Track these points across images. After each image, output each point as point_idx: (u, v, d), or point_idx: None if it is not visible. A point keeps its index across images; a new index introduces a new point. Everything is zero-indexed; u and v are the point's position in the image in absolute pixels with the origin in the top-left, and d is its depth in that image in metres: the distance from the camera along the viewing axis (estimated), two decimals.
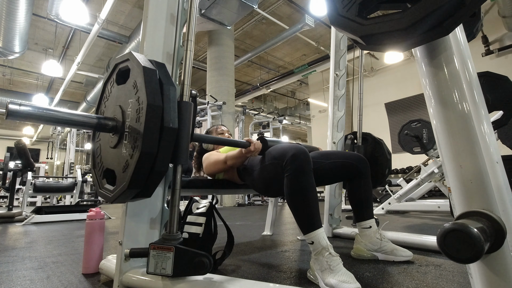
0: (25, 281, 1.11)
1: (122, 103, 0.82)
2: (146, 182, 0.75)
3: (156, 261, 0.83)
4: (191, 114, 0.87)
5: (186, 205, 1.33)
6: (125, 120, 0.79)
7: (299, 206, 1.06)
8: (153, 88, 0.75)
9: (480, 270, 0.51)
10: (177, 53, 1.09)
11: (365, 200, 1.37)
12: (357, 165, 1.36)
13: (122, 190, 0.75)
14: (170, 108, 0.77)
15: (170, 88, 0.79)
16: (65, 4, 5.12)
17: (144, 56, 0.84)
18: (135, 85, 0.78)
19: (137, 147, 0.72)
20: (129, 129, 0.77)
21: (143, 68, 0.76)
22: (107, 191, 0.82)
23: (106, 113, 0.90)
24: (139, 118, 0.74)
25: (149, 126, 0.72)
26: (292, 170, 1.07)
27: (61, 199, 8.58)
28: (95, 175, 0.91)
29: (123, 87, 0.84)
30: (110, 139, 0.84)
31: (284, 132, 16.28)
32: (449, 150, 0.55)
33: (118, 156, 0.80)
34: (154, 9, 1.06)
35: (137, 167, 0.71)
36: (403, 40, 0.50)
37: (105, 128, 0.82)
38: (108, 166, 0.84)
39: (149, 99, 0.72)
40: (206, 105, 6.17)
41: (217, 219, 1.29)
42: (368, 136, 1.96)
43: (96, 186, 0.90)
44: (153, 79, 0.76)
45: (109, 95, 0.91)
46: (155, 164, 0.74)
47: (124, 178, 0.75)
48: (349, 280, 0.90)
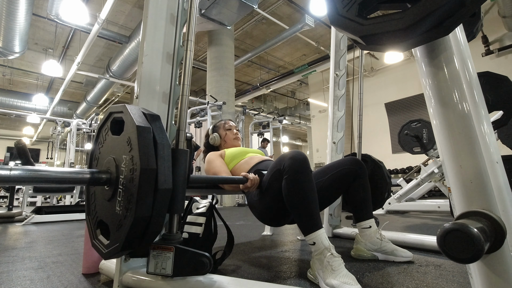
0: (25, 281, 1.11)
1: (116, 155, 0.81)
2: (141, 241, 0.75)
3: (156, 261, 0.83)
4: (186, 163, 0.86)
5: (186, 205, 1.33)
6: (119, 175, 0.78)
7: (299, 207, 1.05)
8: (147, 150, 0.74)
9: (480, 270, 0.51)
10: (177, 53, 1.09)
11: (364, 200, 1.36)
12: (353, 167, 1.35)
13: (116, 251, 0.74)
14: (165, 168, 0.76)
15: (164, 148, 0.78)
16: (65, 4, 5.12)
17: (139, 109, 0.82)
18: (129, 142, 0.76)
19: (131, 210, 0.71)
20: (123, 186, 0.76)
21: (137, 128, 0.75)
22: (101, 244, 0.81)
23: (101, 161, 0.88)
24: (133, 179, 0.73)
25: (143, 190, 0.71)
26: (291, 171, 1.06)
27: (61, 199, 8.58)
28: (90, 223, 0.90)
29: (117, 139, 0.83)
30: (105, 191, 0.83)
31: (284, 132, 16.28)
32: (449, 150, 0.55)
33: (112, 212, 0.78)
34: (154, 9, 1.06)
35: (131, 231, 0.71)
36: (403, 40, 0.50)
37: (99, 181, 0.81)
38: (102, 218, 0.84)
39: (142, 163, 0.72)
40: (206, 105, 6.17)
41: (217, 219, 1.29)
42: (367, 158, 1.94)
43: (90, 235, 0.88)
44: (147, 139, 0.75)
45: (104, 142, 0.90)
46: (149, 225, 0.74)
47: (118, 238, 0.74)
48: (351, 281, 0.90)
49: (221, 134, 1.69)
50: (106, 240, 0.80)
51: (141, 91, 1.01)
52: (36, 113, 9.61)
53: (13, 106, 10.57)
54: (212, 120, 6.14)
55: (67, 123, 7.15)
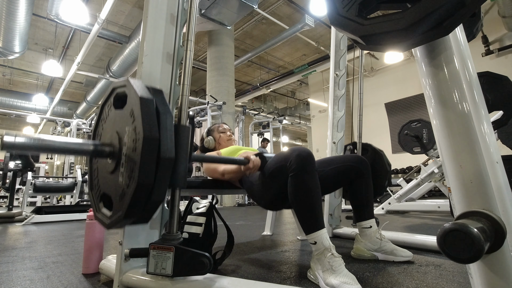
0: (25, 281, 1.11)
1: (119, 129, 0.82)
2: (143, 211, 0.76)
3: (156, 261, 0.83)
4: (188, 137, 0.87)
5: (186, 205, 1.33)
6: (122, 147, 0.79)
7: (302, 206, 1.06)
8: (150, 119, 0.74)
9: (480, 270, 0.51)
10: (177, 53, 1.09)
11: (366, 200, 1.37)
12: (358, 166, 1.36)
13: (119, 219, 0.75)
14: (167, 138, 0.77)
15: (167, 118, 0.79)
16: (65, 4, 5.12)
17: (142, 83, 0.83)
18: (132, 113, 0.77)
19: (133, 178, 0.72)
20: (126, 157, 0.76)
21: (140, 99, 0.75)
22: (104, 216, 0.82)
23: (104, 136, 0.89)
24: (136, 148, 0.73)
25: (145, 157, 0.71)
26: (297, 170, 1.07)
27: (61, 199, 8.58)
28: (93, 197, 0.91)
29: (120, 113, 0.83)
30: (107, 164, 0.83)
31: (284, 132, 16.28)
32: (449, 150, 0.55)
33: (115, 183, 0.79)
34: (154, 9, 1.06)
35: (133, 198, 0.71)
36: (403, 40, 0.50)
37: (102, 154, 0.81)
38: (105, 191, 0.84)
39: (145, 132, 0.72)
40: (206, 105, 6.17)
41: (217, 219, 1.29)
42: (368, 146, 1.94)
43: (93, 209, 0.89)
44: (150, 109, 0.76)
45: (107, 118, 0.90)
46: (152, 194, 0.74)
47: (121, 207, 0.74)
48: (351, 281, 0.90)
49: (215, 137, 1.71)
50: (109, 212, 0.81)
51: None
52: (36, 113, 9.62)
53: (13, 106, 10.57)
54: (212, 120, 6.14)
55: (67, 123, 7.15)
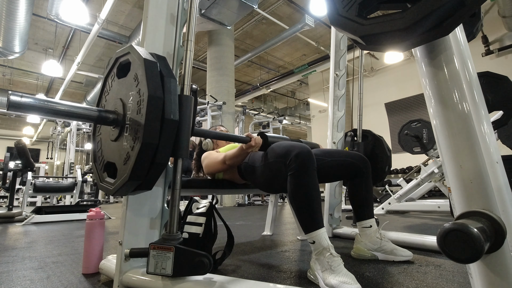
0: (25, 281, 1.11)
1: (123, 96, 0.82)
2: (147, 174, 0.75)
3: (156, 261, 0.83)
4: (191, 107, 0.87)
5: (186, 205, 1.33)
6: (126, 112, 0.79)
7: (301, 205, 1.05)
8: (154, 80, 0.75)
9: (480, 270, 0.51)
10: (177, 53, 1.09)
11: (366, 199, 1.37)
12: (359, 164, 1.36)
13: (123, 182, 0.75)
14: (171, 100, 0.77)
15: (171, 81, 0.79)
16: (65, 4, 5.12)
17: (145, 49, 0.84)
18: (136, 77, 0.78)
19: (138, 139, 0.72)
20: (130, 121, 0.77)
21: (144, 61, 0.76)
22: (108, 184, 0.82)
23: (107, 107, 0.90)
24: (140, 110, 0.74)
25: (150, 117, 0.72)
26: (296, 169, 1.07)
27: (61, 199, 8.58)
28: (96, 169, 0.91)
29: (123, 81, 0.84)
30: (111, 132, 0.84)
31: (284, 132, 16.27)
32: (449, 150, 0.55)
33: (119, 149, 0.79)
34: (154, 9, 1.06)
35: (138, 159, 0.71)
36: (403, 40, 0.50)
37: (106, 121, 0.82)
38: (109, 159, 0.84)
39: (150, 91, 0.72)
40: (206, 105, 6.17)
41: (217, 219, 1.29)
42: (368, 133, 1.96)
43: (97, 179, 0.89)
44: (154, 71, 0.76)
45: (110, 89, 0.91)
46: (156, 156, 0.74)
47: (125, 170, 0.75)
48: (350, 281, 0.90)
49: (213, 140, 1.71)
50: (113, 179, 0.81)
51: None
52: None
53: None
54: (212, 120, 6.14)
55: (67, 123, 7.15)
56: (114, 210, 5.23)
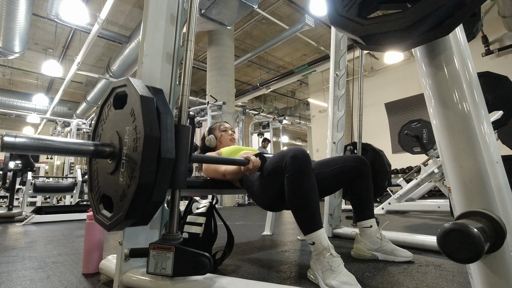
0: (25, 281, 1.11)
1: (119, 129, 0.81)
2: (143, 212, 0.75)
3: (156, 261, 0.83)
4: (188, 138, 0.86)
5: (186, 205, 1.33)
6: (122, 147, 0.78)
7: (299, 207, 1.05)
8: (151, 118, 0.74)
9: (480, 270, 0.51)
10: (177, 53, 1.09)
11: (366, 199, 1.37)
12: (358, 165, 1.35)
13: (119, 220, 0.74)
14: (168, 138, 0.76)
15: (167, 117, 0.78)
16: (65, 4, 5.12)
17: (142, 82, 0.82)
18: (133, 113, 0.77)
19: (134, 178, 0.71)
20: (126, 157, 0.76)
21: (141, 97, 0.75)
22: (104, 218, 0.81)
23: (103, 137, 0.89)
24: (137, 148, 0.73)
25: (147, 157, 0.71)
26: (292, 170, 1.06)
27: (61, 199, 8.58)
28: (92, 199, 0.90)
29: (120, 112, 0.83)
30: (108, 165, 0.83)
31: (284, 132, 16.28)
32: (449, 150, 0.55)
33: (115, 183, 0.78)
34: (154, 9, 1.06)
35: (134, 198, 0.71)
36: (403, 40, 0.50)
37: (102, 154, 0.81)
38: (105, 192, 0.84)
39: (146, 130, 0.72)
40: (206, 105, 6.17)
41: (217, 219, 1.29)
42: (368, 146, 1.94)
43: (93, 210, 0.88)
44: (150, 108, 0.75)
45: (106, 118, 0.89)
46: (152, 194, 0.74)
47: (121, 208, 0.74)
48: (350, 281, 0.90)
49: (217, 136, 1.70)
50: (109, 213, 0.80)
51: None
52: (36, 113, 9.61)
53: (13, 106, 10.57)
54: (212, 120, 6.14)
55: (67, 123, 7.15)
56: None
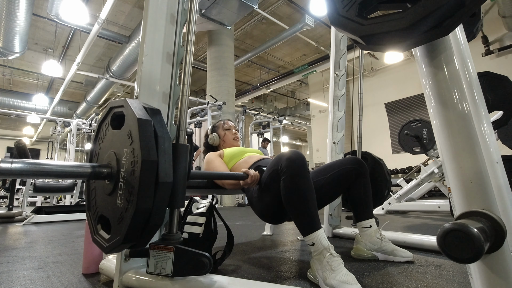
0: (25, 281, 1.11)
1: (117, 149, 0.81)
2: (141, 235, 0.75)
3: (156, 261, 0.83)
4: (187, 157, 0.86)
5: (186, 205, 1.33)
6: (120, 169, 0.78)
7: (297, 208, 1.04)
8: (148, 142, 0.74)
9: (480, 270, 0.51)
10: (177, 53, 1.09)
11: (365, 199, 1.36)
12: (356, 167, 1.35)
13: (117, 244, 0.74)
14: (165, 161, 0.76)
15: (165, 141, 0.78)
16: (65, 4, 5.12)
17: (139, 103, 0.82)
18: (130, 135, 0.76)
19: (132, 202, 0.71)
20: (124, 180, 0.76)
21: (138, 121, 0.75)
22: (102, 239, 0.81)
23: (101, 156, 0.89)
24: (134, 171, 0.73)
25: (144, 182, 0.71)
26: (288, 173, 1.06)
27: (61, 199, 8.58)
28: (90, 218, 0.90)
29: (118, 133, 0.83)
30: (105, 186, 0.83)
31: (284, 132, 16.28)
32: (449, 150, 0.55)
33: (113, 205, 0.78)
34: (154, 9, 1.06)
35: (132, 223, 0.71)
36: (403, 40, 0.50)
37: (100, 176, 0.81)
38: (103, 213, 0.84)
39: (144, 155, 0.72)
40: (206, 105, 6.17)
41: (217, 219, 1.29)
42: (367, 155, 1.93)
43: (90, 231, 0.88)
44: (148, 131, 0.75)
45: (104, 138, 0.90)
46: (150, 218, 0.74)
47: (119, 231, 0.74)
48: (350, 281, 0.90)
49: (220, 134, 1.70)
50: (107, 234, 0.80)
51: (141, 91, 1.01)
52: (36, 113, 9.61)
53: (13, 106, 10.57)
54: (212, 120, 6.14)
55: (67, 123, 7.15)
56: None
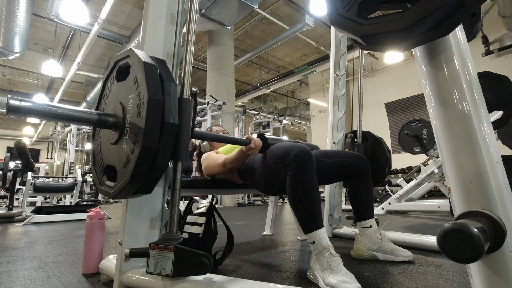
0: (25, 281, 1.11)
1: (123, 99, 0.82)
2: (147, 177, 0.75)
3: (156, 261, 0.83)
4: (191, 110, 0.87)
5: (186, 205, 1.33)
6: (126, 116, 0.79)
7: (301, 205, 1.06)
8: (154, 82, 0.75)
9: (480, 270, 0.51)
10: (177, 53, 1.09)
11: (366, 199, 1.37)
12: (358, 164, 1.36)
13: (123, 185, 0.75)
14: (171, 104, 0.77)
15: (170, 84, 0.79)
16: (65, 4, 5.12)
17: (145, 53, 0.84)
18: (136, 80, 0.78)
19: (138, 142, 0.72)
20: (130, 124, 0.77)
21: (144, 64, 0.76)
22: (107, 187, 0.82)
23: (107, 110, 0.89)
24: (140, 113, 0.74)
25: (150, 120, 0.72)
26: (295, 169, 1.07)
27: (61, 199, 8.57)
28: (96, 172, 0.91)
29: (123, 84, 0.84)
30: (111, 136, 0.83)
31: (284, 132, 16.27)
32: (449, 150, 0.55)
33: (119, 152, 0.79)
34: (154, 9, 1.06)
35: (138, 162, 0.71)
36: (403, 40, 0.50)
37: (106, 124, 0.82)
38: (109, 162, 0.84)
39: (150, 94, 0.72)
40: (206, 105, 6.17)
41: (217, 219, 1.29)
42: (368, 134, 1.96)
43: (96, 183, 0.89)
44: (154, 74, 0.76)
45: (109, 93, 0.91)
46: (156, 160, 0.74)
47: (125, 173, 0.75)
48: (350, 280, 0.90)
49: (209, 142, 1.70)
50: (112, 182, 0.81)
51: None
52: None
53: None
54: (212, 120, 6.14)
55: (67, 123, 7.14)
56: (114, 210, 5.23)
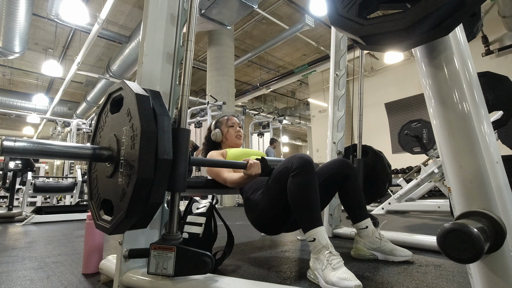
0: (25, 281, 1.11)
1: (117, 131, 0.81)
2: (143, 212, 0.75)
3: (157, 261, 0.83)
4: (188, 141, 0.86)
5: (186, 205, 1.33)
6: (120, 148, 0.78)
7: (302, 203, 1.07)
8: (147, 113, 0.74)
9: (480, 270, 0.51)
10: (177, 53, 1.09)
11: (356, 201, 1.36)
12: (342, 170, 1.35)
13: (119, 220, 0.74)
14: (165, 138, 0.76)
15: (164, 118, 0.78)
16: (65, 4, 5.12)
17: (137, 84, 0.83)
18: (129, 112, 0.77)
19: (133, 174, 0.71)
20: (125, 156, 0.76)
21: (136, 95, 0.75)
22: (104, 222, 0.81)
23: (102, 143, 0.89)
24: (134, 144, 0.73)
25: (144, 151, 0.71)
26: (298, 170, 1.10)
27: (61, 199, 8.57)
28: (93, 207, 0.90)
29: (117, 116, 0.83)
30: (106, 169, 0.83)
31: (284, 132, 16.27)
32: (449, 150, 0.55)
33: (115, 186, 0.79)
34: (154, 9, 1.06)
35: (134, 195, 0.70)
36: (403, 40, 0.50)
37: (101, 158, 0.81)
38: (105, 196, 0.84)
39: (142, 125, 0.72)
40: (206, 105, 6.17)
41: (217, 219, 1.29)
42: (368, 149, 1.94)
43: (94, 218, 0.88)
44: (146, 105, 0.76)
45: (104, 125, 0.90)
46: (151, 194, 0.73)
47: (121, 208, 0.74)
48: (350, 277, 0.90)
49: (223, 131, 1.65)
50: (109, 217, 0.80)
51: None
52: (36, 113, 9.61)
53: (13, 106, 10.57)
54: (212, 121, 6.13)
55: (67, 123, 7.15)
56: None
